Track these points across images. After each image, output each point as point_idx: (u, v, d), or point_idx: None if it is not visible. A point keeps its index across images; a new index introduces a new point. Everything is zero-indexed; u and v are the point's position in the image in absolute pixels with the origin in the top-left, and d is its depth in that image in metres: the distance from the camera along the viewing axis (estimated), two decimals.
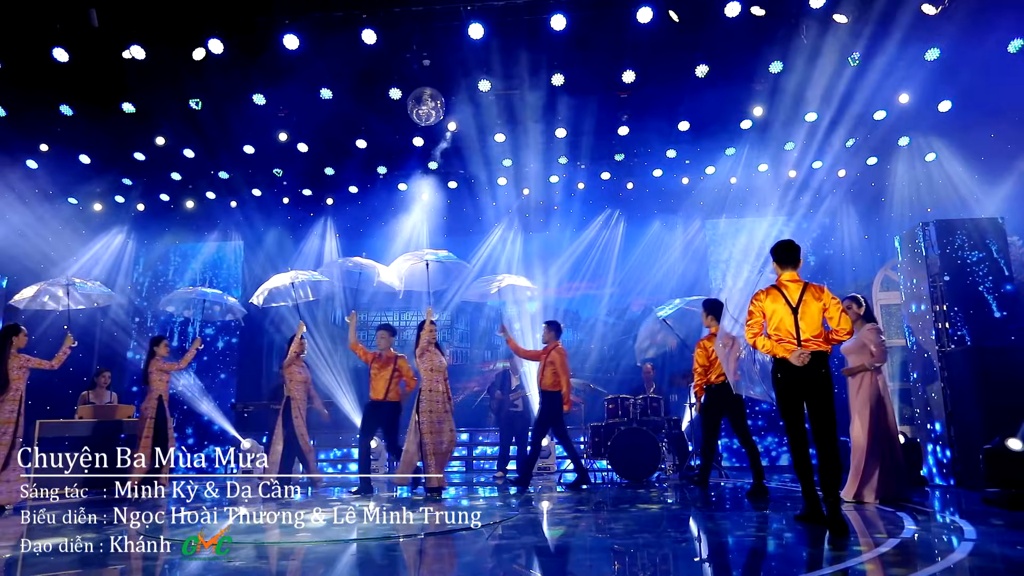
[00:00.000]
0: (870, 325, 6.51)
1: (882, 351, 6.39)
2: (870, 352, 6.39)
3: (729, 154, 11.50)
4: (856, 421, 6.42)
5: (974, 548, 4.23)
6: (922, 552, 4.35)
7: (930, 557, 4.24)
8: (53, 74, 9.19)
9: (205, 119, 10.47)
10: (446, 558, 4.65)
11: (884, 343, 6.48)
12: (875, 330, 6.48)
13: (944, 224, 7.88)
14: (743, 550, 4.77)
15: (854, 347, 6.44)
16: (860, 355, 6.44)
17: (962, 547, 4.28)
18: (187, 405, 11.76)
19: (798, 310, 5.00)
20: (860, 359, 6.44)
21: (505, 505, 7.16)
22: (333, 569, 4.23)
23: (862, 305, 6.59)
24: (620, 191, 12.81)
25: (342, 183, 12.58)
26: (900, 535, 4.69)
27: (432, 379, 7.82)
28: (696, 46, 9.49)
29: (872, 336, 6.40)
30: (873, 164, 11.13)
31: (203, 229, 12.89)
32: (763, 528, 5.41)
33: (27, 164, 10.91)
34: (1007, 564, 4.03)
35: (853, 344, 6.41)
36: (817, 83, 9.59)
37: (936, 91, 9.67)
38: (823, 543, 4.51)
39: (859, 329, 6.46)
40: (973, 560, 3.95)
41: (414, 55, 9.48)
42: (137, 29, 8.89)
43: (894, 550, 4.23)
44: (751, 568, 4.29)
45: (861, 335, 6.44)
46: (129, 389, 12.02)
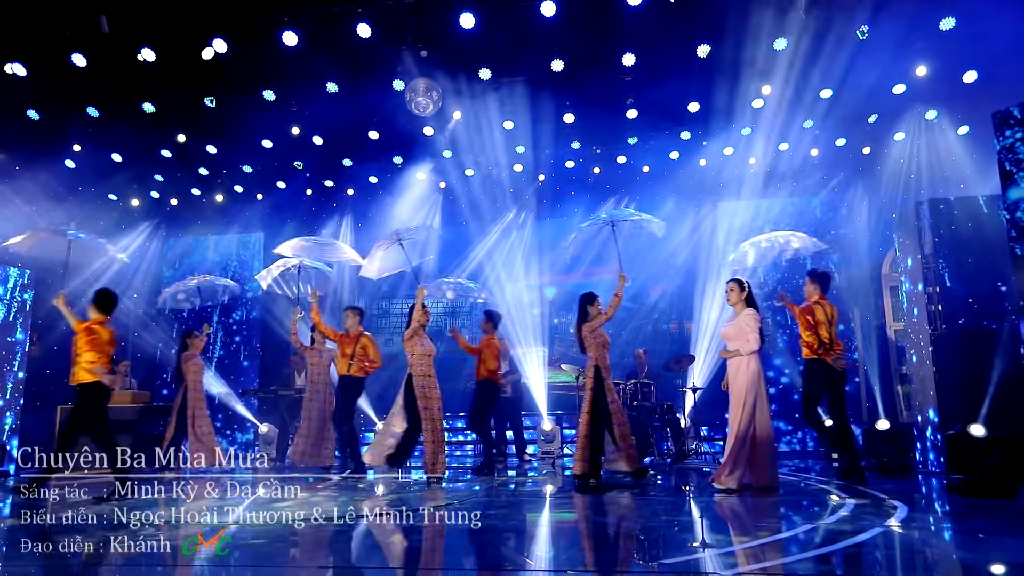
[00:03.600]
0: (749, 310, 6.32)
1: (757, 338, 6.16)
2: (746, 338, 6.20)
3: (745, 134, 11.27)
4: (734, 407, 6.21)
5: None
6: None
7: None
8: (76, 78, 9.72)
9: (222, 116, 10.90)
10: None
11: (761, 330, 6.25)
12: (753, 316, 6.27)
13: (938, 202, 7.61)
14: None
15: (733, 332, 6.31)
16: (738, 340, 6.26)
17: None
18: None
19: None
20: (738, 344, 6.24)
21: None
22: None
23: (744, 289, 6.41)
24: (636, 175, 12.75)
25: (361, 174, 12.90)
26: (816, 522, 4.66)
27: (422, 363, 7.82)
28: (695, 26, 9.40)
29: (750, 322, 6.20)
30: (889, 140, 10.75)
31: (226, 222, 13.39)
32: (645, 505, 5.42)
33: (65, 164, 11.57)
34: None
35: (732, 329, 6.31)
36: (828, 58, 9.37)
37: (958, 62, 9.32)
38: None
39: (739, 313, 6.35)
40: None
41: (410, 47, 9.69)
42: (146, 33, 9.33)
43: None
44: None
45: (740, 320, 6.30)
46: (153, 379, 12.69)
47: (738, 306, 6.38)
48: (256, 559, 4.02)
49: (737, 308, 6.37)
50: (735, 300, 6.40)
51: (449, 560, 4.15)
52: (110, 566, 3.95)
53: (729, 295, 6.47)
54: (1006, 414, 5.99)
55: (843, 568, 3.52)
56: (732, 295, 6.42)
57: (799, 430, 11.02)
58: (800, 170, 11.34)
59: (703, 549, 3.83)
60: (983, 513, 4.94)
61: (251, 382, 12.44)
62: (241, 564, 3.95)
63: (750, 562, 3.55)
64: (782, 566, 3.44)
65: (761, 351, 6.24)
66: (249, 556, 4.08)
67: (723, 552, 3.77)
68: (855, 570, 3.55)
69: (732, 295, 6.42)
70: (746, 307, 6.34)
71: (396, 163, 12.49)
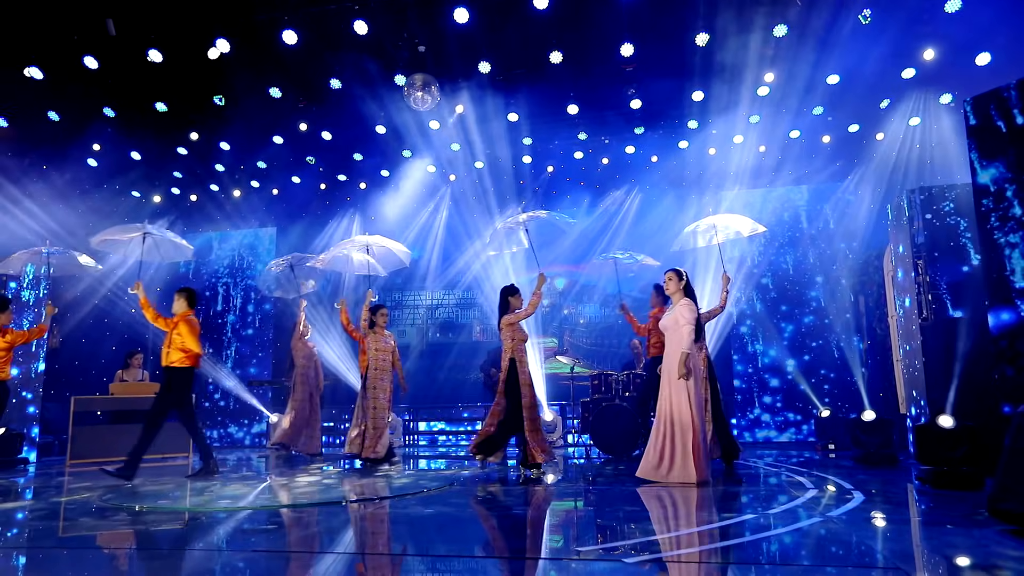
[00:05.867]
0: (686, 300, 6.25)
1: (691, 330, 6.08)
2: (680, 331, 6.14)
3: (754, 122, 11.16)
4: (673, 398, 6.10)
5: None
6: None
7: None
8: (90, 80, 10.08)
9: (232, 114, 11.18)
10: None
11: (699, 320, 6.21)
12: (689, 306, 6.20)
13: (929, 191, 7.47)
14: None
15: (669, 323, 6.26)
16: (675, 331, 6.20)
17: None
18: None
19: None
20: (677, 334, 6.18)
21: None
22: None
23: (683, 279, 6.36)
24: (645, 164, 12.71)
25: (372, 168, 13.10)
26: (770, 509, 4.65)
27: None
28: (695, 14, 9.36)
29: (685, 313, 6.13)
30: (892, 128, 10.55)
31: (240, 218, 13.72)
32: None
33: (88, 163, 12.01)
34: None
35: (668, 319, 6.26)
36: (830, 44, 9.26)
37: (971, 44, 9.14)
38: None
39: (677, 304, 6.30)
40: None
41: (407, 43, 9.83)
42: (155, 34, 9.62)
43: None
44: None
45: (676, 310, 6.25)
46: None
47: (676, 296, 6.35)
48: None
49: (675, 298, 6.35)
50: (673, 290, 6.37)
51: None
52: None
53: (667, 285, 6.44)
54: (974, 404, 5.90)
55: (738, 557, 3.49)
56: (670, 284, 6.39)
57: (805, 422, 10.96)
58: (800, 159, 11.21)
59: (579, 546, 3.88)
60: (938, 504, 4.88)
61: (264, 373, 12.78)
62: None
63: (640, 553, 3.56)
64: (662, 557, 3.45)
65: (699, 341, 6.30)
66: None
67: (636, 543, 3.82)
68: (755, 559, 3.51)
69: (670, 284, 6.39)
70: (684, 297, 6.31)
71: (405, 156, 12.66)
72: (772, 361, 11.29)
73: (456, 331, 13.32)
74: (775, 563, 3.30)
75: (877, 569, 3.13)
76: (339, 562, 3.50)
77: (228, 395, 12.80)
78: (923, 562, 3.35)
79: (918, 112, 9.98)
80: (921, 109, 9.93)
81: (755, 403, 11.26)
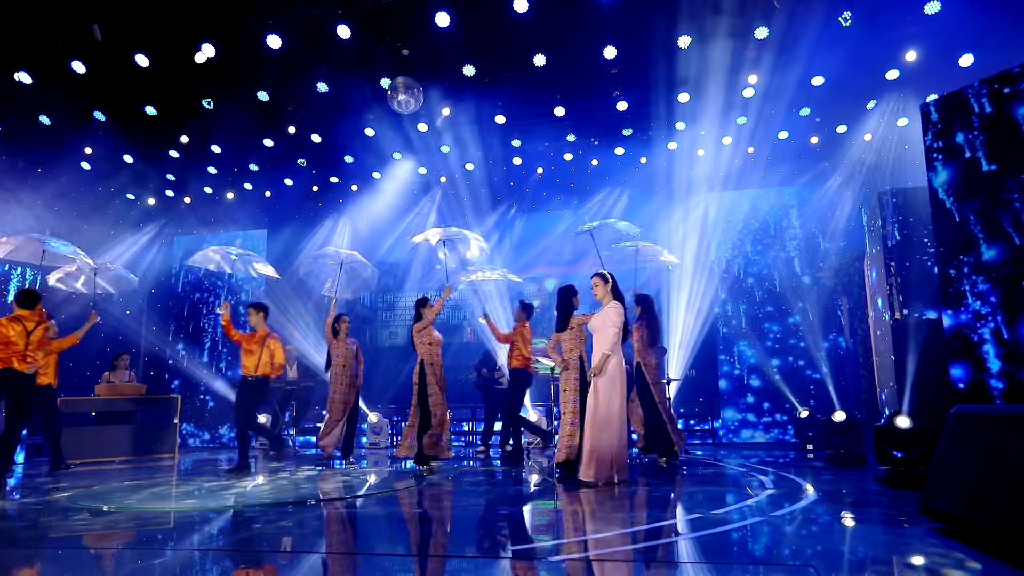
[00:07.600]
0: (614, 303, 6.30)
1: (616, 332, 6.13)
2: (606, 333, 6.18)
3: (741, 123, 11.18)
4: (591, 397, 6.16)
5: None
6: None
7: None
8: (79, 85, 10.22)
9: (221, 117, 11.31)
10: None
11: (626, 323, 6.26)
12: (616, 309, 6.25)
13: (901, 192, 7.50)
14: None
15: (598, 323, 6.30)
16: (603, 332, 6.23)
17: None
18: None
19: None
20: (604, 336, 6.22)
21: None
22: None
23: (608, 282, 6.41)
24: (634, 166, 12.76)
25: (362, 171, 13.19)
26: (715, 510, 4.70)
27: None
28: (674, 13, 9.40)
29: (612, 315, 6.19)
30: (872, 129, 10.57)
31: (231, 220, 13.86)
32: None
33: (81, 166, 12.18)
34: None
35: (597, 320, 6.30)
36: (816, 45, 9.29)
37: (950, 46, 9.16)
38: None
39: (607, 305, 6.34)
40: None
41: (390, 47, 9.92)
42: (141, 39, 9.75)
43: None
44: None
45: (603, 312, 6.29)
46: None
47: (605, 298, 6.39)
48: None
49: (604, 300, 6.39)
50: (601, 294, 6.41)
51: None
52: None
53: (595, 290, 6.45)
54: (934, 405, 5.91)
55: (648, 556, 3.55)
56: (597, 290, 6.43)
57: (791, 423, 10.96)
58: (783, 160, 11.23)
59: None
60: (890, 504, 4.92)
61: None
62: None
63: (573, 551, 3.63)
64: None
65: (626, 343, 6.41)
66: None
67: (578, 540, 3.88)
68: (670, 558, 3.56)
69: (597, 290, 6.43)
70: (612, 299, 6.36)
71: (395, 158, 12.75)
72: (757, 362, 11.30)
73: (448, 333, 13.34)
74: (692, 561, 3.36)
75: (787, 567, 3.19)
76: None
77: (218, 396, 12.97)
78: (840, 561, 3.37)
79: (904, 113, 9.98)
80: (902, 111, 9.93)
81: (740, 404, 11.28)
